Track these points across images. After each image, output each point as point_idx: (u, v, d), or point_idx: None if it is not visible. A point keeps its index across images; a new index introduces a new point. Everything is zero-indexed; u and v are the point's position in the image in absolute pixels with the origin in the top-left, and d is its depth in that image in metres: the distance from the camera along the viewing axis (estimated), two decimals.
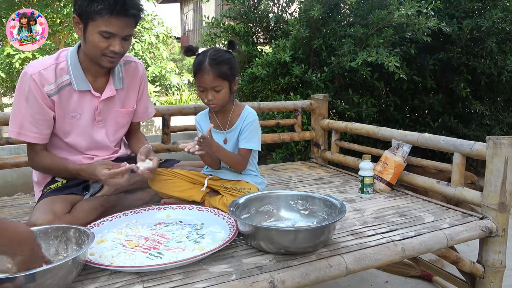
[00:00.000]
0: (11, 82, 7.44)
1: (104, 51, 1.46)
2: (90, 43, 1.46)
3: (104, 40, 1.44)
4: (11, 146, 3.57)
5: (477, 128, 3.98)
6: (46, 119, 1.53)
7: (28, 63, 1.60)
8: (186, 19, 17.82)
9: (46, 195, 1.55)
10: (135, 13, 1.46)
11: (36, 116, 1.51)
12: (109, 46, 1.45)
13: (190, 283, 1.13)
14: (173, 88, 10.07)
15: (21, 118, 1.51)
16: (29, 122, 1.51)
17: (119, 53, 1.49)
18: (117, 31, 1.43)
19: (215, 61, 1.55)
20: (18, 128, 1.52)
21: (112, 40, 1.45)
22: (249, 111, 1.72)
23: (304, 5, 3.49)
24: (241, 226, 1.34)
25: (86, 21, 1.43)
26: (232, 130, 1.71)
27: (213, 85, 1.57)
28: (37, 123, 1.51)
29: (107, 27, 1.41)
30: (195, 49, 1.64)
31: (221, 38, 4.18)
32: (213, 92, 1.59)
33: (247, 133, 1.67)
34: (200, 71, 1.56)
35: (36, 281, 0.99)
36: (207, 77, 1.55)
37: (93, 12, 1.39)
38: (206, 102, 1.62)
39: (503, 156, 1.59)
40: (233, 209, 1.39)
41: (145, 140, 1.80)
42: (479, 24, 3.40)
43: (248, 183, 1.69)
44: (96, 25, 1.41)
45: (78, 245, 1.25)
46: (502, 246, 1.64)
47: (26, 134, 1.52)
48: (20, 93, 1.50)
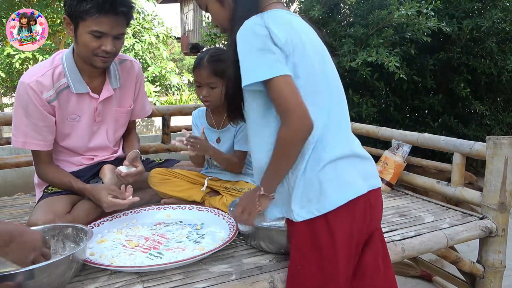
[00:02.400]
0: (11, 82, 7.44)
1: (95, 51, 1.44)
2: (82, 44, 1.44)
3: (95, 39, 1.42)
4: (11, 146, 3.55)
5: (477, 128, 3.98)
6: (48, 125, 1.53)
7: (24, 72, 1.59)
8: (186, 19, 17.81)
9: (47, 195, 1.55)
10: (125, 11, 1.44)
11: (39, 123, 1.50)
12: (101, 45, 1.43)
13: (190, 283, 1.13)
14: (173, 88, 10.06)
15: (24, 127, 1.50)
16: (33, 131, 1.50)
17: (112, 53, 1.47)
18: (107, 30, 1.41)
19: (213, 58, 1.57)
20: (23, 138, 1.51)
21: (104, 39, 1.43)
22: None
23: (304, 5, 3.49)
24: (241, 226, 1.34)
25: (77, 21, 1.41)
26: (226, 130, 1.71)
27: (208, 81, 1.59)
28: (40, 130, 1.51)
29: (97, 27, 1.40)
30: (201, 47, 1.66)
31: (221, 38, 4.18)
32: (208, 89, 1.60)
33: (241, 134, 1.67)
34: (198, 66, 1.60)
35: (35, 277, 0.99)
36: (203, 72, 1.58)
37: (82, 11, 1.38)
38: (202, 99, 1.65)
39: (503, 156, 1.59)
40: (233, 209, 1.39)
41: (136, 143, 1.78)
42: (479, 24, 3.39)
43: (248, 183, 1.69)
44: (86, 25, 1.40)
45: (76, 242, 1.25)
46: (502, 246, 1.64)
47: (32, 142, 1.51)
48: (20, 103, 1.49)
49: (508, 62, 3.66)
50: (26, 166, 2.02)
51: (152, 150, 2.27)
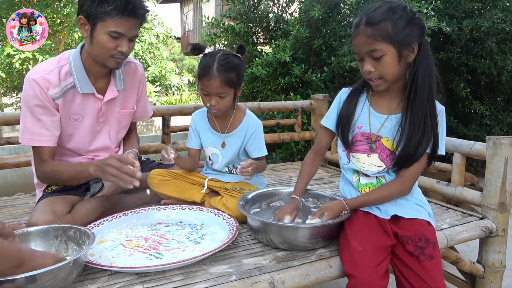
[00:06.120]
0: (11, 82, 7.44)
1: (112, 51, 1.47)
2: (98, 44, 1.46)
3: (112, 40, 1.45)
4: (11, 146, 3.57)
5: (477, 128, 3.98)
6: (54, 120, 1.52)
7: (30, 69, 1.59)
8: (186, 19, 17.82)
9: (47, 195, 1.55)
10: (143, 14, 1.48)
11: (44, 118, 1.50)
12: (117, 46, 1.46)
13: (190, 283, 1.13)
14: (173, 88, 10.09)
15: (30, 124, 1.50)
16: (39, 127, 1.50)
17: (126, 54, 1.50)
18: (125, 31, 1.45)
19: (223, 68, 1.49)
20: (29, 135, 1.50)
21: (120, 40, 1.46)
22: (251, 119, 1.69)
23: (304, 5, 3.50)
24: (251, 221, 1.39)
25: (95, 22, 1.43)
26: (232, 134, 1.68)
27: (218, 91, 1.52)
28: (46, 125, 1.50)
29: (117, 27, 1.42)
30: (203, 48, 1.58)
31: (221, 38, 4.19)
32: (217, 98, 1.53)
33: (256, 142, 1.66)
34: (207, 75, 1.50)
35: (36, 282, 0.99)
36: (214, 83, 1.49)
37: (103, 12, 1.41)
38: (208, 106, 1.58)
39: (503, 156, 1.59)
40: (243, 203, 1.44)
41: (136, 143, 1.79)
42: (479, 24, 3.40)
43: (248, 183, 1.69)
44: (105, 25, 1.42)
45: (79, 245, 1.25)
46: (502, 246, 1.64)
47: (38, 138, 1.50)
48: (25, 100, 1.49)
49: (508, 62, 3.66)
50: (26, 166, 2.01)
51: (152, 150, 2.27)
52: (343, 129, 1.41)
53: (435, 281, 1.19)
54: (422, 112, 1.26)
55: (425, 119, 1.26)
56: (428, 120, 1.27)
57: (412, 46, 1.23)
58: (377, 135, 1.35)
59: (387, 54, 1.22)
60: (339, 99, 1.47)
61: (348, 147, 1.42)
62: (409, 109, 1.28)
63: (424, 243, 1.24)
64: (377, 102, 1.38)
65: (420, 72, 1.25)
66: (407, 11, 1.22)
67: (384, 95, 1.36)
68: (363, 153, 1.38)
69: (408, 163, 1.31)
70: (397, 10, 1.21)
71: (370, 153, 1.37)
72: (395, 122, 1.33)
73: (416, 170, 1.32)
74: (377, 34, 1.20)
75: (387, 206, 1.35)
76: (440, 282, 1.20)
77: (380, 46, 1.21)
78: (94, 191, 1.64)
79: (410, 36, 1.21)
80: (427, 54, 1.26)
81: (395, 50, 1.22)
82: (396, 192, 1.35)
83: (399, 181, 1.34)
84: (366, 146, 1.37)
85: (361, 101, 1.41)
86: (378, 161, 1.36)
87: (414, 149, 1.28)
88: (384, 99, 1.36)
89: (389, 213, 1.34)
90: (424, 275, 1.20)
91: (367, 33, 1.22)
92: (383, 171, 1.37)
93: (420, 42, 1.25)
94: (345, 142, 1.42)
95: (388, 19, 1.20)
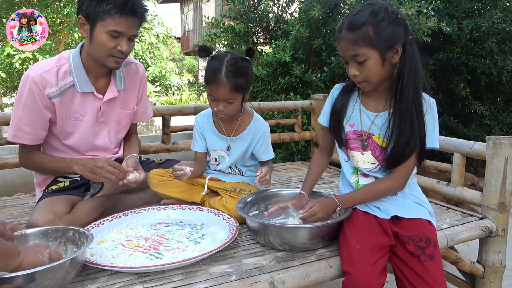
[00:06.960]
0: (11, 82, 7.44)
1: (111, 51, 1.47)
2: (98, 43, 1.46)
3: (112, 39, 1.45)
4: (11, 146, 3.57)
5: (477, 128, 3.97)
6: (42, 120, 1.53)
7: (30, 66, 1.61)
8: (186, 19, 17.82)
9: (47, 195, 1.55)
10: (142, 13, 1.49)
11: (33, 116, 1.51)
12: (117, 46, 1.46)
13: (190, 283, 1.13)
14: (173, 88, 10.08)
15: (18, 120, 1.51)
16: (24, 124, 1.51)
17: (126, 53, 1.50)
18: (125, 30, 1.45)
19: (232, 74, 1.45)
20: (14, 131, 1.53)
21: (120, 40, 1.46)
22: (259, 122, 1.67)
23: (304, 5, 3.49)
24: (250, 222, 1.39)
25: (94, 21, 1.44)
26: (238, 138, 1.66)
27: (227, 97, 1.49)
28: (33, 124, 1.52)
29: (116, 26, 1.43)
30: (210, 49, 1.53)
31: (221, 38, 4.18)
32: (225, 103, 1.51)
33: (264, 145, 1.66)
34: (215, 81, 1.46)
35: (35, 281, 0.99)
36: (223, 89, 1.46)
37: (102, 12, 1.41)
38: (216, 111, 1.55)
39: (503, 156, 1.59)
40: (241, 206, 1.43)
41: (136, 147, 1.79)
42: (479, 24, 3.39)
43: (249, 184, 1.69)
44: (104, 24, 1.43)
45: (77, 246, 1.25)
46: (502, 246, 1.64)
47: (21, 136, 1.52)
48: (20, 96, 1.51)
49: (508, 62, 3.66)
50: None
51: (152, 150, 2.27)
52: (335, 125, 1.42)
53: (436, 281, 1.19)
54: (408, 111, 1.27)
55: (411, 117, 1.27)
56: (414, 119, 1.27)
57: (396, 48, 1.23)
58: (368, 133, 1.37)
59: (370, 58, 1.22)
60: (332, 95, 1.48)
61: (341, 144, 1.43)
62: (396, 107, 1.29)
63: (425, 243, 1.24)
64: (366, 100, 1.39)
65: (405, 72, 1.25)
66: (389, 12, 1.21)
67: (372, 93, 1.37)
68: (357, 150, 1.40)
69: (398, 163, 1.32)
70: (379, 13, 1.20)
71: (363, 151, 1.38)
72: (384, 120, 1.34)
73: (407, 167, 1.33)
74: (359, 39, 1.20)
75: (387, 206, 1.35)
76: (442, 282, 1.20)
77: (362, 51, 1.21)
78: (94, 191, 1.64)
79: (394, 38, 1.21)
80: (412, 53, 1.25)
81: (378, 54, 1.22)
82: (388, 188, 1.36)
83: (390, 178, 1.36)
84: (358, 143, 1.39)
85: (353, 99, 1.42)
86: (372, 158, 1.38)
87: (403, 148, 1.28)
88: (373, 97, 1.38)
89: (389, 213, 1.34)
90: (426, 275, 1.20)
91: (349, 38, 1.22)
92: (377, 169, 1.38)
93: (404, 42, 1.24)
94: (338, 139, 1.43)
95: (369, 22, 1.19)
